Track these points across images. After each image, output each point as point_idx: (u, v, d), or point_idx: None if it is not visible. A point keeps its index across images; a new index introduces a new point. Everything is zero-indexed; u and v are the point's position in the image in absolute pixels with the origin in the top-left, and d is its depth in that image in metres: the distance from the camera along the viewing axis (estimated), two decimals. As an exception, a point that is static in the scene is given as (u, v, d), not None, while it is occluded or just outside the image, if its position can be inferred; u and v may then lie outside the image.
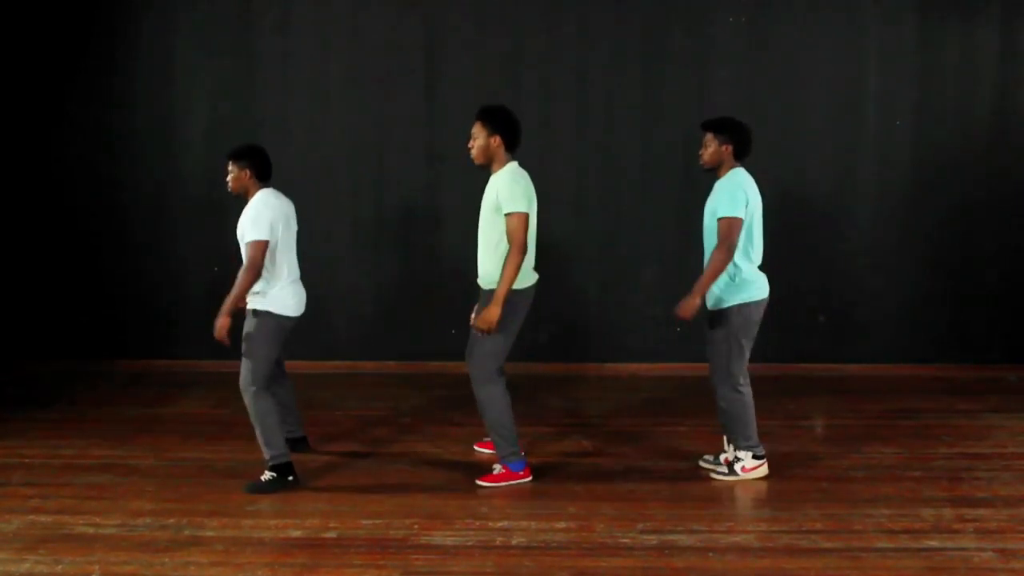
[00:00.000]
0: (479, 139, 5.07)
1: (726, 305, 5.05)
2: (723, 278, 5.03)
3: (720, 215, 4.98)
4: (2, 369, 7.75)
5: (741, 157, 5.16)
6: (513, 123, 5.09)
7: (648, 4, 7.70)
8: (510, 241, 4.92)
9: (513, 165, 5.09)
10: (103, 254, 7.93)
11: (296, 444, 5.48)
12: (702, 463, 5.46)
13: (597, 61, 7.73)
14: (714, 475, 5.19)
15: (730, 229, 4.95)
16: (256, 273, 4.98)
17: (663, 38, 7.71)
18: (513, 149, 5.11)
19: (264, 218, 5.03)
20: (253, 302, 5.07)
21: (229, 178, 5.21)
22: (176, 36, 7.79)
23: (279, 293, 5.10)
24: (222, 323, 4.92)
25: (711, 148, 5.14)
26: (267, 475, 5.03)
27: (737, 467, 5.15)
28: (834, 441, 5.96)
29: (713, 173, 5.22)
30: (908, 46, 7.71)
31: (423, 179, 7.83)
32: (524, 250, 4.94)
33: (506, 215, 4.93)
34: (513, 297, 4.97)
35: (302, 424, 5.71)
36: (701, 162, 5.22)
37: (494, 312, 4.90)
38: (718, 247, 4.97)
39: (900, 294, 7.86)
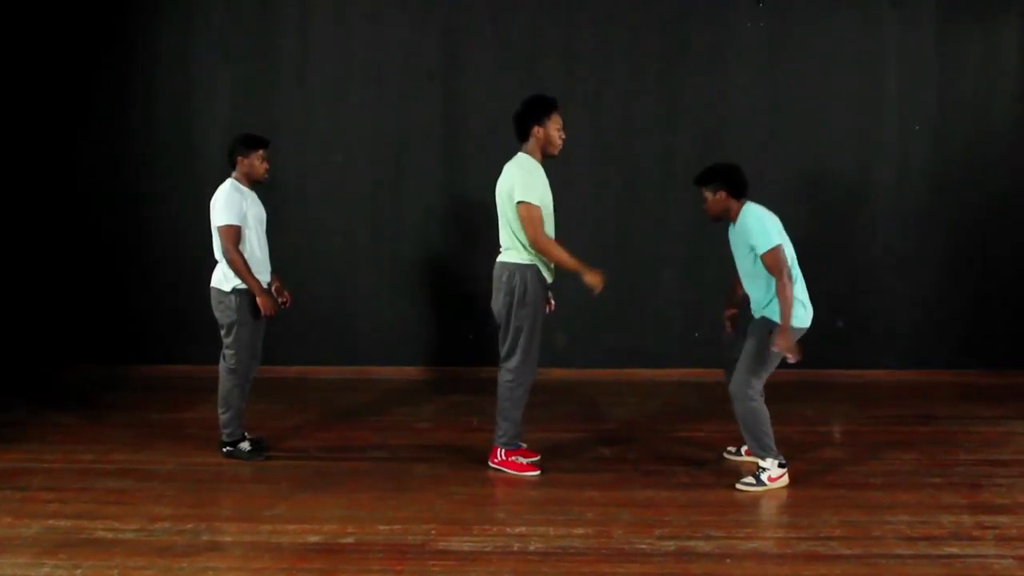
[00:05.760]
0: None
1: (771, 319, 5.08)
2: (771, 296, 5.07)
3: (761, 251, 5.01)
4: (22, 374, 7.79)
5: (742, 195, 5.17)
6: None
7: (667, 8, 7.71)
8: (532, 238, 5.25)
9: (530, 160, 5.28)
10: (122, 259, 7.97)
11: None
12: (726, 455, 5.66)
13: (616, 64, 7.74)
14: (740, 486, 5.12)
15: (776, 259, 4.98)
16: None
17: (682, 43, 7.72)
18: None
19: None
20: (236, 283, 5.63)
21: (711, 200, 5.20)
22: (195, 39, 7.84)
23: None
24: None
25: (709, 201, 5.19)
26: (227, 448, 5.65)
27: (763, 476, 5.12)
28: (852, 447, 5.94)
29: (724, 222, 5.26)
30: (927, 49, 7.69)
31: (442, 182, 7.86)
32: None
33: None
34: (536, 291, 5.34)
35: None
36: (709, 217, 5.26)
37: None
38: (777, 280, 4.99)
39: (919, 299, 7.83)
